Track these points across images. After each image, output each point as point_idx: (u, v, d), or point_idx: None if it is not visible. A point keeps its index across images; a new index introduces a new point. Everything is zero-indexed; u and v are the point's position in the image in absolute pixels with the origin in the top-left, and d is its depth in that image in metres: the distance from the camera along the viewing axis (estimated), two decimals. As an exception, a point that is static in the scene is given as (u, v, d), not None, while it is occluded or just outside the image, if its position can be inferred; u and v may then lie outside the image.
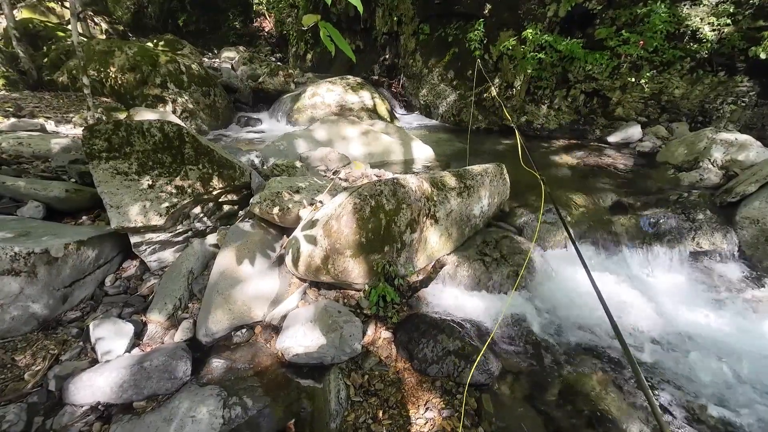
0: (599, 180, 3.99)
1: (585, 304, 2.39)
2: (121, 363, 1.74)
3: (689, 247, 2.97)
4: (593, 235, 3.04)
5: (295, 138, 4.55)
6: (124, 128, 2.33)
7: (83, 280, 2.19)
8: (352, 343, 1.96)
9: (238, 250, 2.32)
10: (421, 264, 2.59)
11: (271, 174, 3.42)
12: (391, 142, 4.74)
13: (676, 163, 4.07)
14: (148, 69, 5.54)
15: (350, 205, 2.17)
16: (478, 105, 6.37)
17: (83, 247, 2.17)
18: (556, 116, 5.79)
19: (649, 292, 2.61)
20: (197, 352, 1.97)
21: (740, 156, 3.60)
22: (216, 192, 2.69)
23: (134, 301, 2.27)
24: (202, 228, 2.70)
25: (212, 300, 2.11)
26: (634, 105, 5.32)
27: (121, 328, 1.95)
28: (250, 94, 7.22)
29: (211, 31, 12.67)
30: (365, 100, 6.64)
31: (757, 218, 2.91)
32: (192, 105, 5.73)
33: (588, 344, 2.17)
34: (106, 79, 5.33)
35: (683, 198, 3.30)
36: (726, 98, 4.81)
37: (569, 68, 5.44)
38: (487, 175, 2.94)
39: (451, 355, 1.93)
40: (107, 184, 2.27)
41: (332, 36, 1.33)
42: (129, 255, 2.57)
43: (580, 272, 2.68)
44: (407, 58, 7.97)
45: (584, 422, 1.73)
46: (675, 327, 2.30)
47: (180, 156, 2.51)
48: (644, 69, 5.01)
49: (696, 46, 4.75)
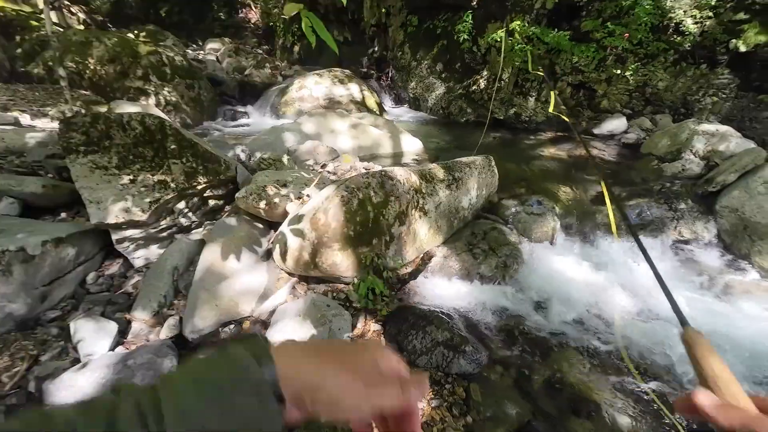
0: (585, 171, 4.05)
1: (570, 294, 2.43)
2: (103, 362, 1.70)
3: (672, 236, 3.04)
4: (580, 226, 3.09)
5: (282, 131, 4.48)
6: (102, 121, 2.26)
7: (63, 279, 2.13)
8: (341, 337, 1.96)
9: (224, 245, 2.28)
10: (411, 256, 2.59)
11: (257, 168, 3.37)
12: (380, 135, 4.71)
13: (660, 154, 4.15)
14: (129, 61, 5.36)
15: (337, 198, 2.15)
16: (467, 97, 6.37)
17: (62, 245, 2.11)
18: (543, 109, 5.83)
19: (633, 280, 2.66)
20: (184, 349, 1.94)
21: (721, 147, 3.68)
22: (201, 187, 2.63)
23: (118, 298, 2.22)
24: (187, 223, 2.65)
25: (198, 296, 2.07)
26: (619, 97, 5.39)
27: (104, 327, 1.91)
28: (236, 87, 7.07)
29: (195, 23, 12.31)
30: (354, 92, 6.57)
31: (736, 207, 2.99)
32: (176, 98, 5.58)
33: (573, 332, 2.21)
34: (84, 71, 5.14)
35: (666, 188, 3.37)
36: (707, 90, 4.91)
37: (556, 60, 5.46)
38: (475, 167, 2.94)
39: (440, 346, 1.95)
40: (86, 179, 2.20)
41: (314, 26, 1.30)
42: (111, 252, 2.50)
43: (565, 263, 2.73)
44: (396, 51, 7.90)
45: (569, 408, 1.77)
46: (657, 313, 2.36)
47: (162, 150, 2.45)
48: (629, 61, 5.07)
49: (679, 38, 4.82)
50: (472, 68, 6.47)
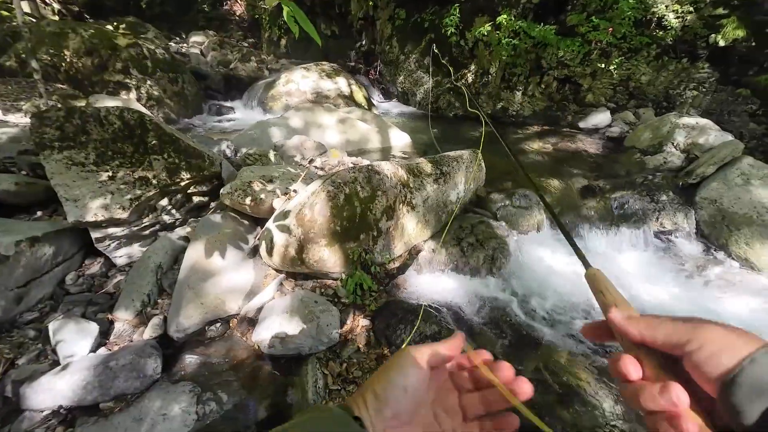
0: (571, 165, 4.10)
1: (555, 286, 2.47)
2: (84, 364, 1.65)
3: (654, 227, 3.11)
4: (566, 218, 3.13)
5: (269, 126, 4.41)
6: (78, 116, 2.18)
7: (40, 279, 2.06)
8: (329, 332, 1.95)
9: (209, 242, 2.23)
10: (398, 251, 2.59)
11: (243, 164, 3.31)
12: (369, 129, 4.68)
13: (642, 147, 4.23)
14: (108, 53, 5.17)
15: (323, 193, 2.13)
16: (454, 91, 6.37)
17: (38, 244, 2.03)
18: (530, 103, 5.87)
19: (617, 270, 2.72)
20: (169, 349, 1.91)
21: (700, 139, 3.77)
22: (184, 183, 2.57)
23: (99, 299, 2.16)
24: (171, 221, 2.59)
25: (183, 295, 2.03)
26: (603, 91, 5.46)
27: (85, 328, 1.85)
28: (221, 81, 6.91)
29: (178, 14, 11.95)
30: (341, 87, 6.50)
31: (715, 198, 3.07)
32: (158, 92, 5.42)
33: (559, 323, 2.25)
34: (60, 64, 4.95)
35: (648, 181, 3.44)
36: (688, 84, 5.01)
37: (543, 55, 5.49)
38: (462, 161, 2.95)
39: (429, 339, 1.96)
40: (61, 175, 2.12)
41: (296, 17, 1.27)
42: (92, 251, 2.43)
43: (552, 255, 2.77)
44: (384, 44, 7.82)
45: (556, 397, 1.80)
46: (639, 301, 2.43)
47: (143, 145, 2.38)
48: (613, 55, 5.13)
49: (661, 33, 4.90)
50: (460, 62, 6.46)
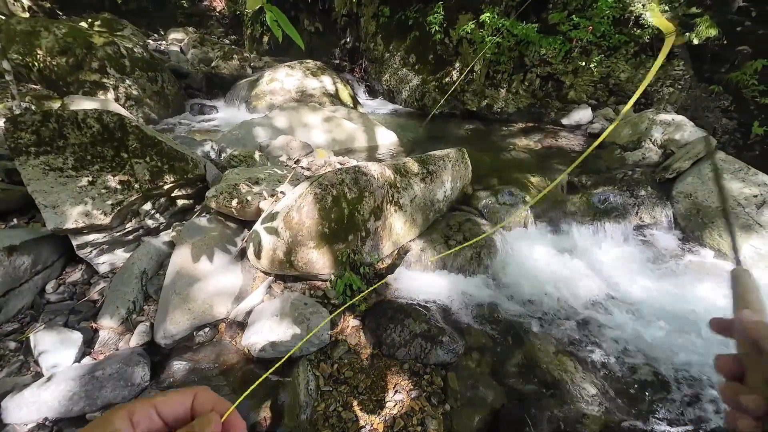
0: (554, 161, 4.19)
1: (542, 280, 2.54)
2: (69, 374, 1.62)
3: (633, 221, 3.22)
4: (550, 214, 3.20)
5: (253, 126, 4.35)
6: (54, 119, 2.11)
7: (19, 289, 2.00)
8: (320, 334, 1.96)
9: (195, 246, 2.21)
10: (387, 251, 2.61)
11: (228, 165, 3.26)
12: (355, 128, 4.67)
13: (622, 143, 4.35)
14: (83, 52, 5.00)
15: (311, 195, 2.13)
16: (440, 89, 6.40)
17: (16, 253, 1.97)
18: (514, 100, 5.95)
19: (598, 264, 2.81)
20: (156, 356, 1.89)
21: (676, 135, 3.90)
22: (168, 186, 2.53)
23: (82, 307, 2.11)
24: (155, 225, 2.54)
25: (170, 300, 2.01)
26: (585, 88, 5.58)
27: (68, 338, 1.82)
28: (203, 80, 6.76)
29: (156, 10, 11.59)
30: (326, 85, 6.45)
31: (690, 192, 3.19)
32: (137, 92, 5.28)
33: (545, 317, 2.32)
34: (33, 64, 4.76)
35: (628, 176, 3.55)
36: (665, 81, 5.17)
37: (525, 52, 5.57)
38: (449, 160, 2.98)
39: (418, 337, 1.99)
40: (39, 182, 2.06)
41: (279, 20, 1.26)
42: (73, 258, 2.37)
43: (537, 251, 2.84)
44: (368, 42, 7.79)
45: (542, 389, 1.86)
46: (619, 293, 2.51)
47: (123, 149, 2.33)
48: (593, 53, 5.24)
49: (639, 31, 5.03)
50: (445, 60, 6.49)
